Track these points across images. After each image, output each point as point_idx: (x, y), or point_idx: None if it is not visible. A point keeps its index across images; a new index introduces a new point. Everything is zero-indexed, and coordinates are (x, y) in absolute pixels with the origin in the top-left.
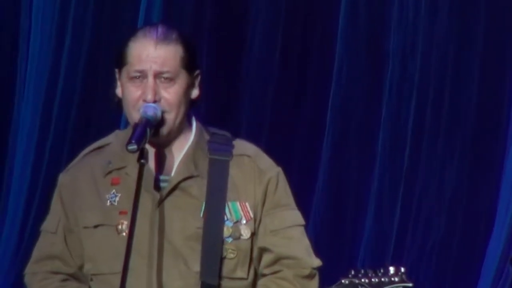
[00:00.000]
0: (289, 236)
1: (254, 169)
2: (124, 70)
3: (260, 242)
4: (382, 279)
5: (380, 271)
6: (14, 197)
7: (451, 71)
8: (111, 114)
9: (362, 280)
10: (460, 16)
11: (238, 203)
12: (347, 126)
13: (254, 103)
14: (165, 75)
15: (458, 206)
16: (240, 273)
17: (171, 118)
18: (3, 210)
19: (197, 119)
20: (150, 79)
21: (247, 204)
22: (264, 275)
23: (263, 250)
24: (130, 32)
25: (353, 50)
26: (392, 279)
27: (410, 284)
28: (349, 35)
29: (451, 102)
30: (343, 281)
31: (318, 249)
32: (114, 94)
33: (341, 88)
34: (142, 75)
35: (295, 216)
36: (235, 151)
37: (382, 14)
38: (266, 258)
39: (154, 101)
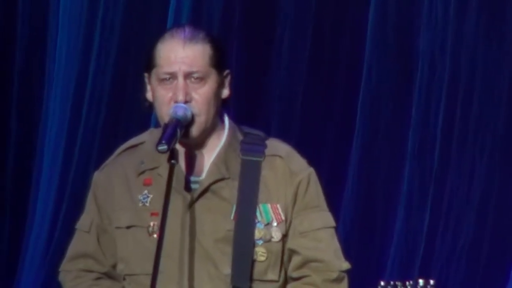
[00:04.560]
0: (318, 238)
1: (286, 171)
2: (154, 73)
3: (290, 244)
4: None
5: (409, 283)
6: (43, 197)
7: (481, 70)
8: (140, 115)
9: None
10: (489, 15)
11: (269, 205)
12: (376, 126)
13: (283, 104)
14: (195, 75)
15: (488, 207)
16: (271, 275)
17: (202, 120)
18: (32, 210)
19: (230, 119)
20: (181, 80)
21: (278, 206)
22: (292, 278)
23: (292, 252)
24: (158, 32)
25: (383, 50)
26: None
27: None
28: (378, 35)
29: (480, 101)
30: None
31: (347, 250)
32: (145, 98)
33: (371, 89)
34: (172, 76)
35: (325, 218)
36: (267, 151)
37: (411, 14)
38: (295, 260)
39: (186, 102)
